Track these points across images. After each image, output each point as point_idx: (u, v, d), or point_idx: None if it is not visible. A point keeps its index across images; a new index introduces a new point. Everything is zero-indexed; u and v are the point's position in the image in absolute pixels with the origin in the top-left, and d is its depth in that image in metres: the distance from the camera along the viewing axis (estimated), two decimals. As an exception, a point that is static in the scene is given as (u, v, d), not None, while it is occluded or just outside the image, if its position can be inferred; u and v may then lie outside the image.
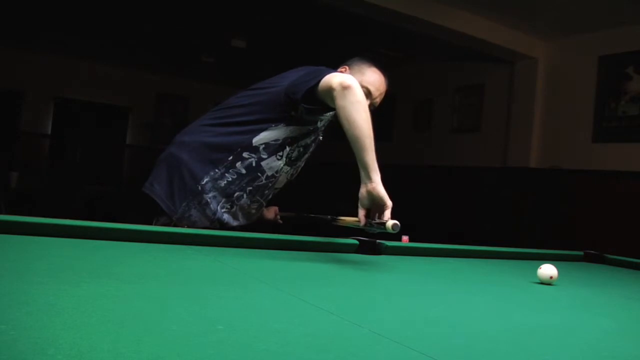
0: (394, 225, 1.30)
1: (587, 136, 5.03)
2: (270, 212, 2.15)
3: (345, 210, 1.65)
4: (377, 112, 1.81)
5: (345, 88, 1.48)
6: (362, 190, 1.40)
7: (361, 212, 1.40)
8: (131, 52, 7.63)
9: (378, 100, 1.87)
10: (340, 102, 1.49)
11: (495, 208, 5.67)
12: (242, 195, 1.78)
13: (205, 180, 1.73)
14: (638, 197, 4.57)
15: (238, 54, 6.77)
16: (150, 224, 1.75)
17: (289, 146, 1.78)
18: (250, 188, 1.78)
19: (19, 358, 0.51)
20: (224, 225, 1.78)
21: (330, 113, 1.80)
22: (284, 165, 1.80)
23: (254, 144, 1.73)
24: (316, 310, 0.88)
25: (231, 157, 1.73)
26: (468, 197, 6.00)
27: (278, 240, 1.58)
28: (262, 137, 1.73)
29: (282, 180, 1.86)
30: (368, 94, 1.80)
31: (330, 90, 1.51)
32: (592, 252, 2.26)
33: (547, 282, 1.42)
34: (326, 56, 1.80)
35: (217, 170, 1.73)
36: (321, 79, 1.56)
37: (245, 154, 1.73)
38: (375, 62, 1.88)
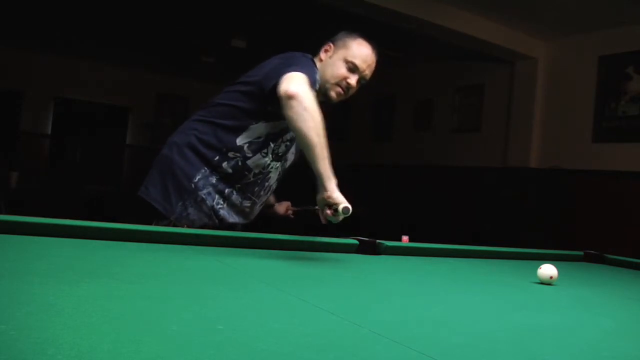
0: (344, 208, 1.37)
1: (587, 136, 5.03)
2: (282, 207, 2.13)
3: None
4: (377, 113, 1.81)
5: (289, 98, 1.45)
6: (319, 197, 1.43)
7: (321, 214, 1.46)
8: (131, 52, 7.63)
9: (367, 73, 1.80)
10: (286, 112, 1.46)
11: (495, 208, 5.67)
12: (232, 192, 1.78)
13: (197, 178, 1.74)
14: (638, 197, 4.57)
15: (238, 54, 6.77)
16: (149, 225, 1.74)
17: (272, 142, 1.76)
18: (239, 185, 1.78)
19: (19, 358, 0.51)
20: (222, 221, 1.78)
21: None
22: (271, 161, 1.79)
23: (238, 144, 1.73)
24: (316, 310, 0.88)
25: (217, 157, 1.74)
26: (468, 197, 6.00)
27: (278, 240, 1.58)
28: (245, 136, 1.73)
29: (273, 176, 1.84)
30: (354, 68, 1.76)
31: (278, 97, 1.49)
32: (592, 252, 2.25)
33: (547, 282, 1.42)
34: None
35: (206, 168, 1.75)
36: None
37: (230, 154, 1.74)
38: (362, 34, 1.82)
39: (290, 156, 1.86)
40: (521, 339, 0.85)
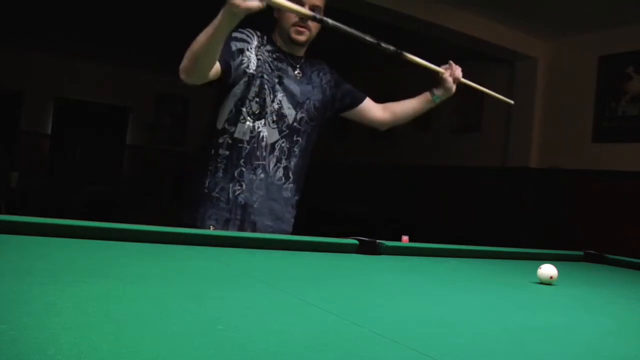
0: None
1: (587, 136, 5.03)
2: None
3: (346, 208, 1.65)
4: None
5: (183, 68, 1.67)
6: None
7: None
8: (131, 52, 7.63)
9: (315, 1, 1.81)
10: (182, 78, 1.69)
11: (495, 208, 5.67)
12: (242, 172, 1.82)
13: (207, 182, 1.84)
14: (638, 197, 4.57)
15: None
16: (150, 223, 1.75)
17: (242, 107, 1.82)
18: (242, 160, 1.82)
19: (19, 358, 0.51)
20: (245, 208, 1.82)
21: (250, 47, 1.82)
22: (252, 122, 1.82)
23: (219, 128, 1.84)
24: (316, 310, 0.87)
25: (213, 150, 1.84)
26: (468, 197, 6.00)
27: (278, 240, 1.58)
28: (221, 118, 1.84)
29: (268, 134, 1.84)
30: (299, 4, 1.71)
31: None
32: (592, 252, 2.25)
33: (547, 282, 1.42)
34: (326, 56, 1.79)
35: (210, 167, 1.84)
36: None
37: (220, 140, 1.83)
38: None
39: (289, 112, 1.87)
40: (521, 339, 0.84)
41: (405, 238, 2.24)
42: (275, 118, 1.85)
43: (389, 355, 0.67)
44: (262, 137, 1.84)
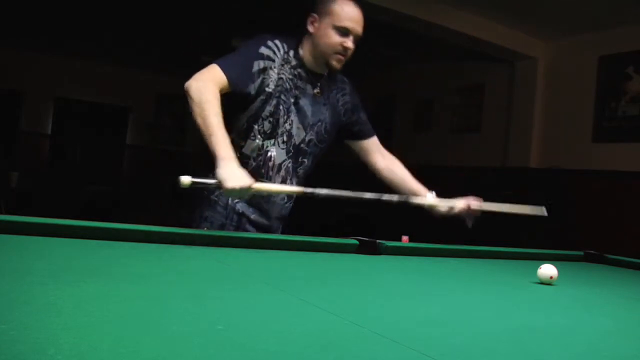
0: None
1: (587, 136, 5.03)
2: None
3: (352, 214, 1.65)
4: (377, 113, 1.80)
5: (186, 90, 1.63)
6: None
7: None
8: (131, 52, 7.63)
9: (359, 30, 1.77)
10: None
11: (495, 208, 5.66)
12: None
13: None
14: (638, 197, 4.56)
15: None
16: (150, 223, 1.75)
17: (254, 124, 1.78)
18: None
19: (19, 358, 0.51)
20: (241, 216, 1.80)
21: (274, 66, 1.76)
22: (262, 141, 1.79)
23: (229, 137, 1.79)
24: (316, 310, 0.87)
25: None
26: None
27: (278, 240, 1.58)
28: (233, 128, 1.77)
29: (276, 154, 1.81)
30: (346, 31, 1.74)
31: None
32: (592, 252, 2.25)
33: (547, 282, 1.42)
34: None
35: (213, 170, 1.77)
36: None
37: None
38: None
39: (297, 132, 1.83)
40: (521, 339, 0.84)
41: (405, 238, 2.24)
42: (285, 138, 1.82)
43: (389, 355, 0.67)
44: (270, 156, 1.81)
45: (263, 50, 1.74)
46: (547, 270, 1.42)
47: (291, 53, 1.81)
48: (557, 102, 5.32)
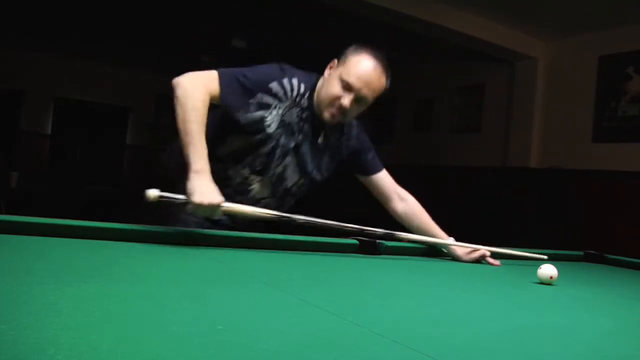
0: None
1: (587, 136, 5.03)
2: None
3: (352, 214, 1.65)
4: (377, 112, 1.77)
5: (173, 86, 1.58)
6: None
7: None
8: (131, 52, 7.63)
9: (365, 92, 1.62)
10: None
11: (495, 208, 5.67)
12: (225, 194, 1.71)
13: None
14: (638, 197, 4.56)
15: (238, 54, 6.77)
16: (150, 223, 1.74)
17: (246, 157, 1.70)
18: (225, 189, 1.63)
19: (19, 358, 0.51)
20: (215, 223, 1.71)
21: (280, 106, 1.65)
22: (249, 174, 1.72)
23: (218, 154, 1.67)
24: (316, 310, 0.87)
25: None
26: (468, 197, 6.00)
27: (278, 240, 1.58)
28: (222, 147, 1.69)
29: (259, 190, 1.73)
30: (349, 87, 1.60)
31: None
32: (592, 252, 2.25)
33: (547, 282, 1.42)
34: (326, 56, 1.78)
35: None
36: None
37: (211, 160, 1.64)
38: (367, 48, 1.65)
39: (291, 176, 1.75)
40: (521, 339, 0.85)
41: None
42: (274, 180, 1.74)
43: (389, 355, 0.67)
44: (251, 190, 1.73)
45: (274, 86, 1.63)
46: (547, 270, 1.42)
47: (305, 97, 1.68)
48: (557, 102, 5.32)
